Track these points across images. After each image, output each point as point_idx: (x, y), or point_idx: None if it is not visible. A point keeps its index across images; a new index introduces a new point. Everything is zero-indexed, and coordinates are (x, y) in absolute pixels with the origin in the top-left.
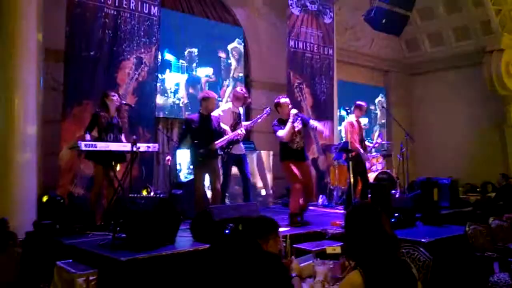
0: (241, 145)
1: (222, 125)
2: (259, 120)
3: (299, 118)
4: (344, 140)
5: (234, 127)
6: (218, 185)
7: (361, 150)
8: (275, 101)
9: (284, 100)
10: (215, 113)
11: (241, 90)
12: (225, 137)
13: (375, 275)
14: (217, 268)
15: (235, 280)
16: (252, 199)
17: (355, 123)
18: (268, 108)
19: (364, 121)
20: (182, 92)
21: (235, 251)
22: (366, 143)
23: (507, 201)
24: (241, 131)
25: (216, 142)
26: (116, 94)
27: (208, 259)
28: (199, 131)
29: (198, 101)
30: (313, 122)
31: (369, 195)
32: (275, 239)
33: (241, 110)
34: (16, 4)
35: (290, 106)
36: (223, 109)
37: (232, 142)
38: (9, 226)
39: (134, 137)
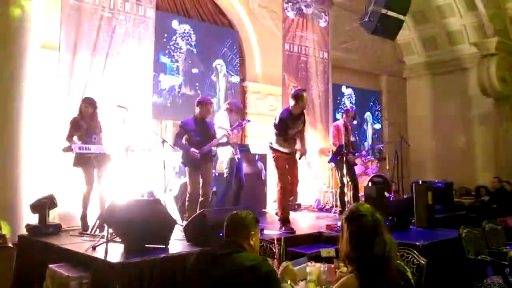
0: (236, 148)
1: (225, 126)
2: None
3: None
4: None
5: None
6: (209, 189)
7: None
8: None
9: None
10: (216, 121)
11: (235, 103)
12: (214, 140)
13: (370, 279)
14: (206, 271)
15: (222, 283)
16: (241, 203)
17: (341, 127)
18: (246, 120)
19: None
20: (177, 94)
21: (220, 253)
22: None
23: (501, 204)
24: (227, 133)
25: (205, 147)
26: (87, 104)
27: (199, 262)
28: (194, 135)
29: (195, 104)
30: None
31: (363, 198)
32: (256, 234)
33: None
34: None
35: None
36: (223, 116)
37: (230, 145)
38: (1, 228)
39: (128, 139)
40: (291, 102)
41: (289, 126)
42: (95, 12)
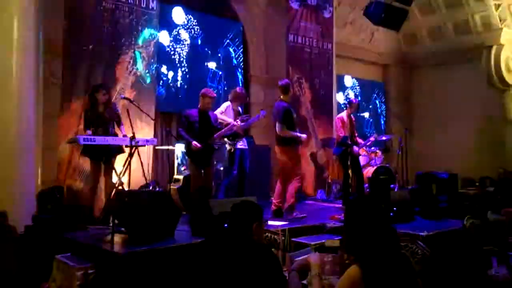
0: (244, 139)
1: (227, 119)
2: (251, 122)
3: None
4: (335, 134)
5: None
6: (212, 180)
7: (355, 147)
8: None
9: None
10: (217, 112)
11: (241, 90)
12: (220, 131)
13: (374, 269)
14: (211, 261)
15: (226, 272)
16: (246, 194)
17: (345, 118)
18: (263, 112)
19: (365, 115)
20: (180, 86)
21: (225, 243)
22: (359, 140)
23: (505, 195)
24: (237, 123)
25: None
26: (104, 90)
27: (203, 252)
28: (197, 126)
29: (198, 97)
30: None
31: (368, 189)
32: (260, 224)
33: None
34: None
35: None
36: (225, 106)
37: (235, 136)
38: (8, 219)
39: (133, 131)
40: (282, 92)
41: (293, 113)
42: (99, 3)
